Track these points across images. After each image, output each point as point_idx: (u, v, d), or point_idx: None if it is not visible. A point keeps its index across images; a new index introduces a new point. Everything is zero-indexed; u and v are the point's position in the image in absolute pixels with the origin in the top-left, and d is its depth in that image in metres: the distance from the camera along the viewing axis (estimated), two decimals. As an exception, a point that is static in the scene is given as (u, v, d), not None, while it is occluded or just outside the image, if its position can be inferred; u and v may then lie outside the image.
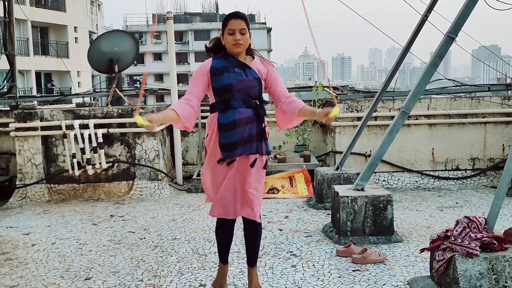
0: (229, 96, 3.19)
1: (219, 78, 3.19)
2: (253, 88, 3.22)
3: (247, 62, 3.27)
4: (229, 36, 3.17)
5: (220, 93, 3.20)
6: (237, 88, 3.18)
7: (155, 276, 3.92)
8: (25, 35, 27.74)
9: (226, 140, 3.17)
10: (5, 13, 8.47)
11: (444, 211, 5.75)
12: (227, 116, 3.18)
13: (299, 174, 6.89)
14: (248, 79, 3.20)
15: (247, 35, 3.20)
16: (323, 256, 4.25)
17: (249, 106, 3.22)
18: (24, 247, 4.81)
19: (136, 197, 6.81)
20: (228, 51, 3.24)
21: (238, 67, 3.22)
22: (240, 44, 3.17)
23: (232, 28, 3.15)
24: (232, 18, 3.17)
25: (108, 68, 8.40)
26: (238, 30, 3.15)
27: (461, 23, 4.27)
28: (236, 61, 3.24)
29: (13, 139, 7.15)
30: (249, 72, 3.22)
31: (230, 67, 3.21)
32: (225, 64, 3.22)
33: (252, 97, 3.23)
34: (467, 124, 7.16)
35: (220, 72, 3.20)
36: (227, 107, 3.19)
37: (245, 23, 3.18)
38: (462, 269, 3.06)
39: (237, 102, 3.19)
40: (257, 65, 3.28)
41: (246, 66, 3.24)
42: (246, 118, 3.19)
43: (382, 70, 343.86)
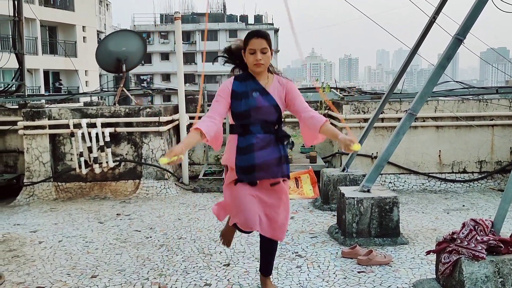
0: (247, 122, 3.19)
1: (238, 104, 3.18)
2: (270, 114, 3.20)
3: (268, 82, 3.24)
4: (250, 55, 3.14)
5: (238, 118, 3.21)
6: (254, 114, 3.17)
7: (161, 275, 3.93)
8: (34, 34, 27.89)
9: (243, 163, 3.17)
10: (14, 12, 8.53)
11: (451, 214, 5.72)
12: (246, 140, 3.19)
13: (305, 175, 6.89)
14: (265, 106, 3.18)
15: (268, 54, 3.16)
16: (329, 257, 4.25)
17: (267, 131, 3.21)
18: (31, 244, 4.84)
19: (143, 196, 6.84)
20: (249, 70, 3.23)
21: (256, 92, 3.19)
22: (261, 64, 3.14)
23: (253, 47, 3.11)
24: (253, 37, 3.13)
25: (116, 67, 8.45)
26: (259, 50, 3.11)
27: (470, 25, 4.26)
28: (255, 84, 3.22)
29: (21, 137, 7.20)
30: (267, 99, 3.19)
31: (249, 92, 3.19)
32: (245, 89, 3.20)
33: (270, 122, 3.22)
34: (475, 126, 7.13)
35: (239, 97, 3.19)
36: (246, 132, 3.19)
37: (267, 42, 3.14)
38: (468, 272, 3.05)
39: (256, 127, 3.19)
40: (276, 88, 3.24)
41: (265, 91, 3.21)
42: (264, 143, 3.19)
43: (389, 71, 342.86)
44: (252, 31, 3.21)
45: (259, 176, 3.19)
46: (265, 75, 3.25)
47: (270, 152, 3.21)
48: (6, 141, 7.74)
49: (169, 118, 7.29)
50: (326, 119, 3.18)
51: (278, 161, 3.24)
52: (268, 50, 3.15)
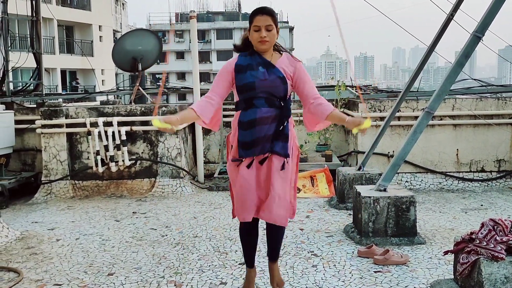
0: (252, 95, 3.12)
1: (242, 76, 3.12)
2: (276, 87, 3.12)
3: (273, 60, 3.17)
4: (255, 32, 3.08)
5: (243, 91, 3.14)
6: (259, 86, 3.10)
7: (176, 273, 3.94)
8: (51, 33, 28.24)
9: (244, 138, 3.12)
10: (32, 12, 8.63)
11: (469, 213, 5.65)
12: (248, 114, 3.13)
13: (321, 173, 6.86)
14: (271, 78, 3.11)
15: (274, 31, 3.08)
16: (344, 257, 4.23)
17: (272, 105, 3.12)
18: (49, 242, 4.90)
19: (158, 194, 6.87)
20: (255, 48, 3.16)
21: (262, 65, 3.13)
22: (265, 41, 3.07)
23: (258, 24, 3.05)
24: (258, 14, 3.07)
25: (132, 66, 8.50)
26: (264, 27, 3.05)
27: (488, 22, 4.19)
28: (261, 58, 3.15)
29: (39, 136, 7.28)
30: (273, 71, 3.12)
31: (254, 65, 3.13)
32: (249, 62, 3.15)
33: (276, 97, 3.13)
34: (493, 125, 7.02)
35: (244, 70, 3.13)
36: (249, 106, 3.13)
37: (272, 19, 3.07)
38: (487, 273, 3.01)
39: (260, 101, 3.11)
40: (283, 64, 3.17)
41: (271, 64, 3.14)
42: (267, 117, 3.11)
43: (405, 69, 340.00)
44: (256, 8, 3.14)
45: (256, 151, 3.11)
46: (270, 52, 3.18)
47: (271, 127, 3.12)
48: (24, 139, 7.84)
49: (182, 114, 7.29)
50: (334, 107, 3.12)
51: (275, 136, 3.12)
52: (273, 27, 3.08)
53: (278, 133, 3.15)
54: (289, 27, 52.38)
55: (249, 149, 3.12)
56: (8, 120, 7.34)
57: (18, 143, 7.72)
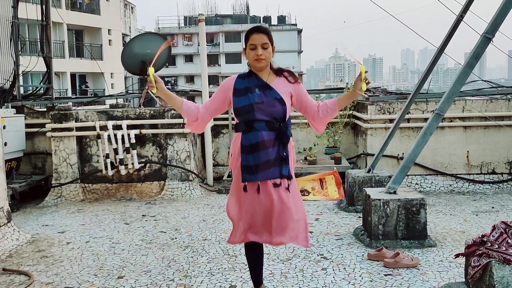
0: (251, 118, 3.11)
1: (240, 99, 3.14)
2: (274, 109, 3.12)
3: (270, 80, 3.18)
4: (251, 51, 3.10)
5: (241, 114, 3.15)
6: (258, 109, 3.10)
7: (186, 276, 3.95)
8: (61, 37, 28.48)
9: (248, 162, 3.12)
10: (42, 17, 8.70)
11: (480, 216, 5.61)
12: (249, 138, 3.12)
13: (330, 176, 6.84)
14: (268, 100, 3.11)
15: (270, 49, 3.12)
16: (354, 260, 4.21)
17: (272, 128, 3.12)
18: (59, 245, 4.92)
19: (168, 197, 6.89)
20: (251, 67, 3.19)
21: (258, 88, 3.14)
22: (261, 59, 3.09)
23: (254, 43, 3.08)
24: (253, 33, 3.10)
25: (141, 69, 8.52)
26: (260, 45, 3.07)
27: (499, 23, 4.17)
28: (257, 80, 3.17)
29: (49, 139, 7.34)
30: (270, 93, 3.12)
31: (252, 87, 3.15)
32: (247, 84, 3.16)
33: (275, 119, 3.13)
34: (504, 126, 6.97)
35: (241, 93, 3.15)
36: (250, 129, 3.12)
37: (267, 37, 3.10)
38: (499, 276, 2.98)
39: (260, 124, 3.11)
40: (280, 84, 3.18)
41: (267, 86, 3.15)
42: (268, 141, 3.11)
43: (414, 71, 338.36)
44: (252, 27, 3.17)
45: (260, 176, 3.11)
46: (267, 71, 3.20)
47: (272, 152, 3.13)
48: (35, 143, 7.89)
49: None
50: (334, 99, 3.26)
51: (279, 161, 3.14)
52: (269, 45, 3.10)
53: (281, 158, 3.15)
54: (297, 30, 52.37)
55: (253, 173, 3.12)
56: (19, 124, 7.40)
57: (29, 147, 7.77)
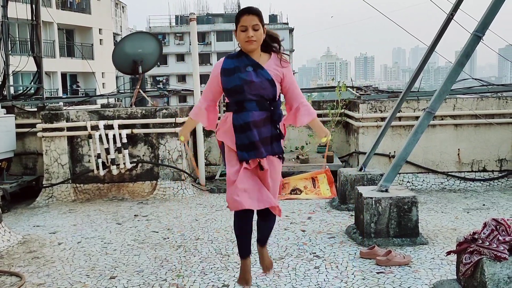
0: (242, 98, 3.13)
1: (229, 79, 3.14)
2: (265, 89, 3.13)
3: (262, 60, 3.17)
4: (242, 33, 3.08)
5: (232, 94, 3.17)
6: (248, 89, 3.10)
7: (179, 276, 3.94)
8: (52, 37, 28.28)
9: (241, 141, 3.16)
10: (32, 16, 8.64)
11: (471, 213, 5.64)
12: (240, 117, 3.15)
13: (322, 174, 6.85)
14: (259, 80, 3.11)
15: (261, 31, 3.09)
16: (347, 258, 4.22)
17: (263, 108, 3.15)
18: (50, 245, 4.89)
19: (160, 197, 6.87)
20: (242, 48, 3.17)
21: (249, 67, 3.13)
22: (252, 40, 3.07)
23: (245, 24, 3.06)
24: (244, 14, 3.08)
25: (132, 69, 8.50)
26: (250, 26, 3.05)
27: (489, 22, 4.19)
28: (248, 60, 3.15)
29: (40, 140, 7.29)
30: (262, 73, 3.12)
31: (241, 67, 3.13)
32: (236, 64, 3.15)
33: (265, 99, 3.15)
34: (494, 124, 7.02)
35: (230, 73, 3.14)
36: (241, 109, 3.15)
37: (258, 19, 3.08)
38: (490, 273, 3.00)
39: (251, 104, 3.13)
40: (272, 65, 3.18)
41: (259, 66, 3.14)
42: (260, 120, 3.14)
43: (405, 70, 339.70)
44: (243, 8, 3.15)
45: (253, 154, 3.16)
46: (258, 53, 3.18)
47: (266, 130, 3.18)
48: (25, 143, 7.84)
49: (185, 119, 7.31)
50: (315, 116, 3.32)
51: (272, 139, 3.22)
52: (260, 27, 3.09)
53: (276, 136, 3.23)
54: (289, 29, 52.44)
55: (247, 151, 3.16)
56: (9, 124, 7.35)
57: (19, 147, 7.72)
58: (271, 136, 3.20)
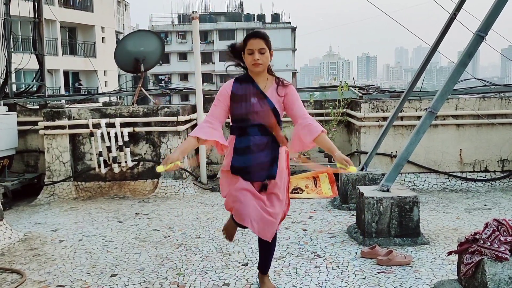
0: (245, 125, 3.24)
1: (237, 106, 3.25)
2: (268, 118, 3.23)
3: (267, 84, 3.27)
4: (249, 56, 3.19)
5: (237, 119, 3.28)
6: (252, 119, 3.22)
7: (179, 274, 3.94)
8: (54, 35, 28.30)
9: (239, 163, 3.22)
10: (35, 14, 8.65)
11: (472, 214, 5.63)
12: (242, 141, 3.24)
13: (324, 174, 6.85)
14: (263, 110, 3.22)
15: (267, 54, 3.19)
16: (348, 257, 4.21)
17: (264, 133, 3.24)
18: (52, 243, 4.90)
19: (161, 195, 6.87)
20: (249, 71, 3.28)
21: (254, 97, 3.23)
22: (259, 64, 3.18)
23: (251, 48, 3.16)
24: (251, 38, 3.18)
25: (134, 67, 8.50)
26: (257, 50, 3.15)
27: (492, 22, 4.18)
28: (254, 88, 3.25)
29: (41, 137, 7.29)
30: (265, 103, 3.23)
31: (247, 95, 3.24)
32: (244, 92, 3.25)
33: (268, 126, 3.24)
34: (497, 124, 7.00)
35: (239, 99, 3.24)
36: (244, 133, 3.25)
37: (265, 42, 3.18)
38: (491, 273, 2.99)
39: (253, 129, 3.23)
40: (274, 91, 3.26)
41: (263, 95, 3.24)
42: (260, 144, 3.23)
43: (408, 69, 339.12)
44: (250, 33, 3.26)
45: (252, 177, 3.21)
46: (265, 76, 3.29)
47: (266, 155, 3.24)
48: (27, 141, 7.85)
49: (187, 118, 7.31)
50: (323, 129, 3.21)
51: (271, 163, 3.25)
52: (266, 50, 3.18)
53: (274, 160, 3.26)
54: (291, 28, 52.35)
55: (245, 175, 3.21)
56: (11, 121, 7.36)
57: (21, 145, 7.73)
58: (269, 161, 3.24)
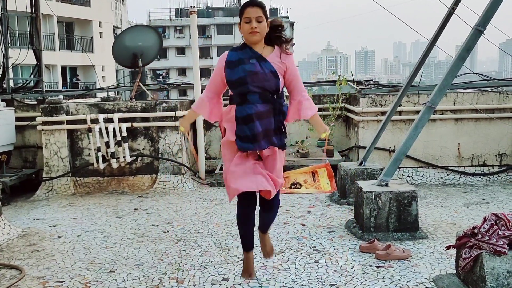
0: (245, 90, 3.17)
1: (233, 71, 3.18)
2: (268, 81, 3.16)
3: (265, 53, 3.21)
4: (246, 24, 3.13)
5: (235, 86, 3.20)
6: (251, 81, 3.14)
7: (178, 270, 3.94)
8: (51, 30, 28.20)
9: (243, 132, 3.18)
10: (32, 9, 8.61)
11: (470, 208, 5.64)
12: (243, 110, 3.18)
13: (322, 169, 6.85)
14: (263, 72, 3.15)
15: (264, 23, 3.14)
16: (346, 252, 4.22)
17: (266, 100, 3.19)
18: (50, 239, 4.90)
19: (160, 190, 6.87)
20: (245, 40, 3.21)
21: (253, 59, 3.17)
22: (256, 32, 3.12)
23: (248, 16, 3.11)
24: (248, 6, 3.13)
25: (132, 62, 8.48)
26: (254, 18, 3.10)
27: (490, 16, 4.17)
28: (252, 52, 3.19)
29: (39, 133, 7.28)
30: (265, 65, 3.16)
31: (245, 59, 3.17)
32: (240, 56, 3.19)
33: (268, 91, 3.19)
34: (495, 119, 7.01)
35: (234, 65, 3.18)
36: (244, 101, 3.18)
37: (262, 11, 3.13)
38: (489, 267, 3.00)
39: (254, 96, 3.16)
40: (275, 58, 3.21)
41: (262, 58, 3.18)
42: (263, 112, 3.17)
43: (406, 64, 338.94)
44: (247, 1, 3.19)
45: (256, 146, 3.19)
46: (261, 45, 3.23)
47: (269, 122, 3.21)
48: (25, 136, 7.83)
49: (185, 113, 7.29)
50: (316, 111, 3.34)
51: (276, 132, 3.25)
52: (263, 19, 3.14)
53: (278, 129, 3.26)
54: (289, 22, 52.24)
55: (248, 143, 3.18)
56: (9, 117, 7.34)
57: (19, 140, 7.71)
58: (274, 129, 3.23)
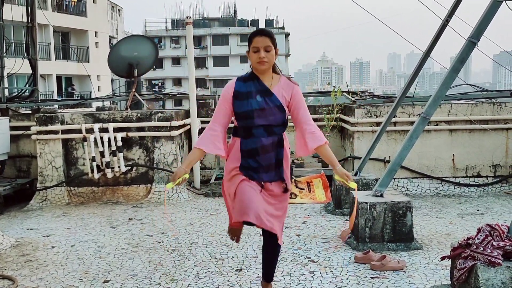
0: (250, 124, 3.16)
1: (241, 103, 3.17)
2: (274, 116, 3.17)
3: (273, 84, 3.21)
4: (254, 53, 3.13)
5: (241, 118, 3.20)
6: (257, 116, 3.15)
7: (173, 280, 3.92)
8: (47, 39, 28.21)
9: (249, 164, 3.17)
10: (28, 19, 8.63)
11: (465, 219, 5.65)
12: (248, 143, 3.18)
13: (317, 179, 6.85)
14: (269, 107, 3.15)
15: (272, 52, 3.14)
16: (341, 263, 4.21)
17: (270, 134, 3.18)
18: (44, 249, 4.86)
19: (154, 200, 6.85)
20: (253, 69, 3.22)
21: (260, 94, 3.17)
22: (264, 61, 3.12)
23: (257, 45, 3.11)
24: (257, 36, 3.13)
25: (128, 72, 8.49)
26: (262, 48, 3.10)
27: (483, 28, 4.21)
28: (259, 85, 3.19)
29: (34, 142, 7.25)
30: (271, 100, 3.17)
31: (253, 92, 3.17)
32: (248, 89, 3.19)
33: (274, 125, 3.19)
34: (489, 130, 7.05)
35: (243, 97, 3.17)
36: (249, 135, 3.18)
37: (271, 40, 3.13)
38: (484, 278, 3.00)
39: (259, 130, 3.16)
40: (281, 88, 3.21)
41: (269, 92, 3.18)
42: (267, 146, 3.17)
43: (401, 75, 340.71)
44: (256, 30, 3.20)
45: (259, 178, 3.17)
46: (270, 74, 3.22)
47: (272, 156, 3.19)
48: (20, 146, 7.80)
49: (180, 123, 7.30)
50: (326, 140, 3.21)
51: (278, 164, 3.21)
52: (272, 48, 3.13)
53: (279, 161, 3.23)
54: (285, 33, 52.48)
55: (256, 174, 3.17)
56: (4, 126, 7.31)
57: (13, 150, 7.68)
58: (275, 162, 3.20)
